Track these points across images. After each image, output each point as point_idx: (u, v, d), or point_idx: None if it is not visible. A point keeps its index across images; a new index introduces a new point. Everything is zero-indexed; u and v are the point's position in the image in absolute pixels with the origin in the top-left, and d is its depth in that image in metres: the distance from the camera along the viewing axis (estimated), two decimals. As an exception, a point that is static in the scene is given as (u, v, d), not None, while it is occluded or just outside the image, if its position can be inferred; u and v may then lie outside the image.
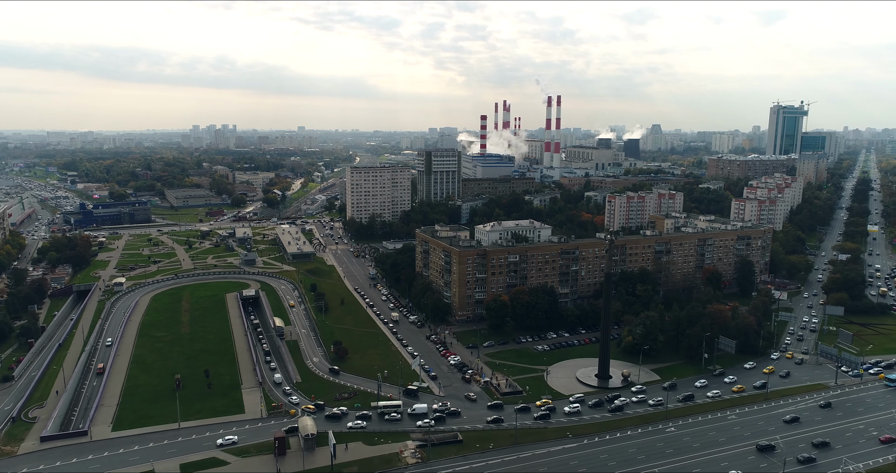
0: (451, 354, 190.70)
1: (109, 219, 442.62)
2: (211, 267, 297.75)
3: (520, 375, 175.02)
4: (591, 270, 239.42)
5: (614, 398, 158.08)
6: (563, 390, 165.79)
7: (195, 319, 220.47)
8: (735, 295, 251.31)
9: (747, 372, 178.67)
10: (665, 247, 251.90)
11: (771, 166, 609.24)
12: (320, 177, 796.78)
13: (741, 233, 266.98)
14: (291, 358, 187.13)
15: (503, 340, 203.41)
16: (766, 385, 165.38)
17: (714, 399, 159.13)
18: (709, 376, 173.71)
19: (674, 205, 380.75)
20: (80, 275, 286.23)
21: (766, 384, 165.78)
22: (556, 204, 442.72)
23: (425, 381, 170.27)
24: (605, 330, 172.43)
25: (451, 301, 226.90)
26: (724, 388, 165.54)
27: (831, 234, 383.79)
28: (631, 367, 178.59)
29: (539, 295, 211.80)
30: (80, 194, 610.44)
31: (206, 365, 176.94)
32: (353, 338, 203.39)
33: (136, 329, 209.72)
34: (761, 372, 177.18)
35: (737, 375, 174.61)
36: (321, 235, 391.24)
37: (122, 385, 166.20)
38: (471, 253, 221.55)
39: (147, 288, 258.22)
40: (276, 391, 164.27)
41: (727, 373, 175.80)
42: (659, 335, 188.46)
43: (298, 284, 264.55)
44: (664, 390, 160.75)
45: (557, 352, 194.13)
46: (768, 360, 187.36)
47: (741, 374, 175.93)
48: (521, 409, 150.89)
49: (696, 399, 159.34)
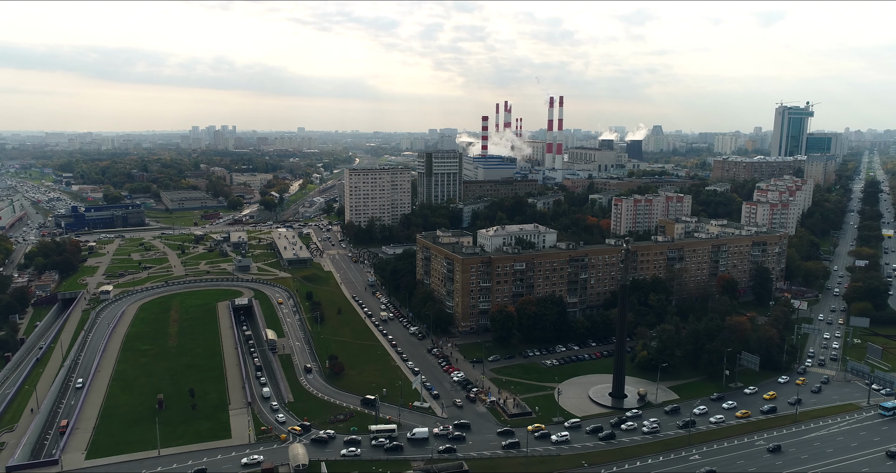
0: (454, 370, 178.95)
1: (102, 223, 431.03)
2: (203, 273, 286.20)
3: (528, 393, 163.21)
4: (600, 278, 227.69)
5: (620, 422, 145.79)
6: (575, 410, 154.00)
7: (183, 331, 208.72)
8: (751, 304, 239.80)
9: (769, 389, 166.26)
10: (678, 254, 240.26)
11: (777, 168, 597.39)
12: (319, 178, 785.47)
13: (756, 239, 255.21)
14: (284, 374, 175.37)
15: (509, 354, 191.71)
16: (799, 400, 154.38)
17: (738, 423, 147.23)
18: (732, 394, 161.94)
19: (682, 209, 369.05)
20: (67, 282, 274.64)
21: (799, 400, 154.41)
22: (560, 207, 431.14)
23: (427, 401, 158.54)
24: (620, 346, 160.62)
25: (453, 311, 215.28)
26: (751, 408, 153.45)
27: (844, 239, 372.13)
28: (647, 385, 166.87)
29: (547, 306, 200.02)
30: (75, 196, 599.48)
31: (193, 383, 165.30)
32: (350, 352, 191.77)
33: (121, 341, 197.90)
34: (785, 391, 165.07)
35: (757, 394, 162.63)
36: (319, 239, 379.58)
37: (101, 405, 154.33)
38: (475, 260, 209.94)
39: (135, 297, 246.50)
40: (267, 412, 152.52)
41: (750, 392, 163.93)
42: (676, 350, 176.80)
43: (294, 292, 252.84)
44: (678, 409, 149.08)
45: (567, 367, 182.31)
46: (793, 376, 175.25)
47: (762, 393, 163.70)
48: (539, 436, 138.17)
49: (712, 420, 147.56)
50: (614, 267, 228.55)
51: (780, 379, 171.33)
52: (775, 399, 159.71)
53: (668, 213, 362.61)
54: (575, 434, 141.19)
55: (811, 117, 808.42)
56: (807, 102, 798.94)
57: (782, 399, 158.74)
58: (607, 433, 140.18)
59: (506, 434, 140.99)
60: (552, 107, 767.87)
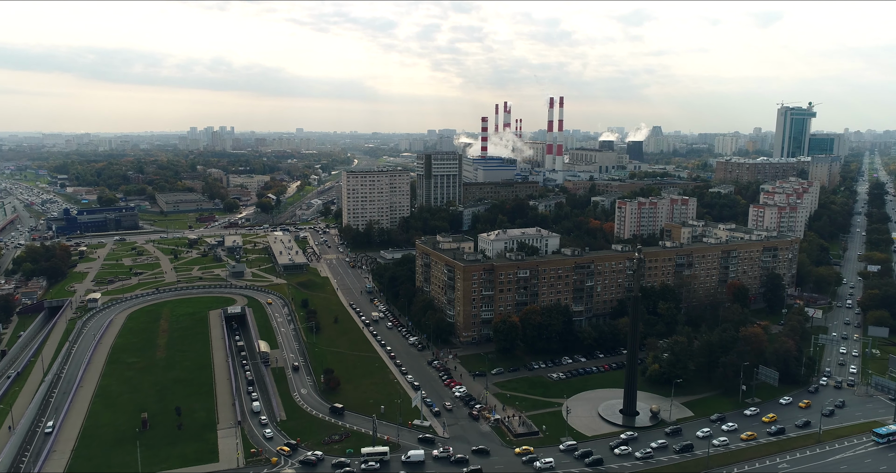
0: (455, 384, 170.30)
1: (94, 226, 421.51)
2: (196, 279, 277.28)
3: (534, 410, 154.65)
4: (607, 286, 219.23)
5: (621, 443, 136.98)
6: (584, 429, 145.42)
7: (173, 341, 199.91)
8: (762, 312, 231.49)
9: (788, 407, 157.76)
10: (687, 260, 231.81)
11: (781, 169, 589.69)
12: (317, 180, 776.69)
13: (768, 244, 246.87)
14: (276, 389, 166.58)
15: (513, 366, 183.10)
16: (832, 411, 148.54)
17: (758, 443, 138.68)
18: (748, 412, 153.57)
19: (687, 212, 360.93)
20: (55, 289, 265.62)
21: (831, 410, 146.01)
22: (562, 209, 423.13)
23: (427, 419, 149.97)
24: (632, 360, 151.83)
25: (454, 320, 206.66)
26: (758, 431, 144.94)
27: (853, 242, 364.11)
28: (659, 400, 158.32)
29: (553, 316, 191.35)
30: (69, 198, 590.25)
31: (180, 399, 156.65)
32: (347, 365, 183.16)
33: (107, 353, 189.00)
34: (805, 407, 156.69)
35: (776, 411, 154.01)
36: (316, 243, 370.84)
37: (82, 424, 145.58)
38: (477, 268, 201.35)
39: (124, 305, 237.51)
40: (257, 431, 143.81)
41: (765, 409, 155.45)
42: (689, 363, 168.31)
43: (289, 300, 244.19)
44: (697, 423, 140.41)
45: (575, 381, 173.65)
46: (813, 394, 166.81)
47: (780, 410, 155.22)
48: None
49: (730, 441, 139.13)
50: (621, 274, 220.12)
51: (783, 400, 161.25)
52: (804, 411, 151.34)
53: (673, 216, 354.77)
54: (564, 459, 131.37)
55: (813, 118, 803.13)
56: (809, 103, 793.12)
57: (798, 419, 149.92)
58: (595, 458, 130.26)
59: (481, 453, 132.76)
60: (552, 108, 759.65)
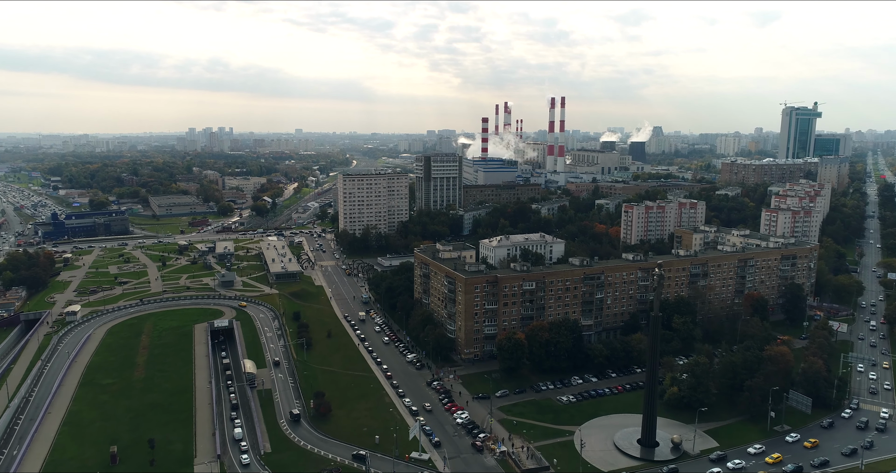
0: (457, 408, 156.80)
1: (83, 231, 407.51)
2: (183, 289, 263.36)
3: (544, 440, 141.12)
4: (617, 298, 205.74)
5: None
6: (599, 463, 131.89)
7: (153, 360, 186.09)
8: (782, 324, 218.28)
9: (828, 433, 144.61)
10: (702, 270, 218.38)
11: (788, 171, 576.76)
12: (315, 181, 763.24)
13: (786, 252, 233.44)
14: (262, 415, 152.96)
15: (519, 387, 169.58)
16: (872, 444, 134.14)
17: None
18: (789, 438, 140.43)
19: (695, 216, 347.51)
20: (34, 300, 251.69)
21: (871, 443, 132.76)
22: (565, 213, 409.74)
23: (427, 451, 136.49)
24: (651, 387, 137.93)
25: (455, 336, 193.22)
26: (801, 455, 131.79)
27: (868, 247, 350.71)
28: (678, 427, 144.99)
29: (561, 332, 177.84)
30: (61, 201, 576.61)
31: (155, 428, 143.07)
32: (340, 386, 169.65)
33: (81, 374, 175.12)
34: (843, 436, 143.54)
35: (817, 437, 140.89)
36: (311, 249, 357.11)
37: (45, 458, 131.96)
38: (479, 280, 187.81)
39: (104, 318, 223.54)
40: (238, 466, 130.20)
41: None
42: (711, 386, 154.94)
43: (280, 312, 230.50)
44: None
45: (586, 405, 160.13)
46: (846, 420, 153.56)
47: (819, 436, 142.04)
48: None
49: None
50: (633, 285, 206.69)
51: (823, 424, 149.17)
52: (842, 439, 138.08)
53: (682, 221, 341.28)
54: None
55: (818, 118, 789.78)
56: (814, 103, 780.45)
57: (837, 448, 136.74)
58: None
59: None
60: (553, 108, 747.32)
